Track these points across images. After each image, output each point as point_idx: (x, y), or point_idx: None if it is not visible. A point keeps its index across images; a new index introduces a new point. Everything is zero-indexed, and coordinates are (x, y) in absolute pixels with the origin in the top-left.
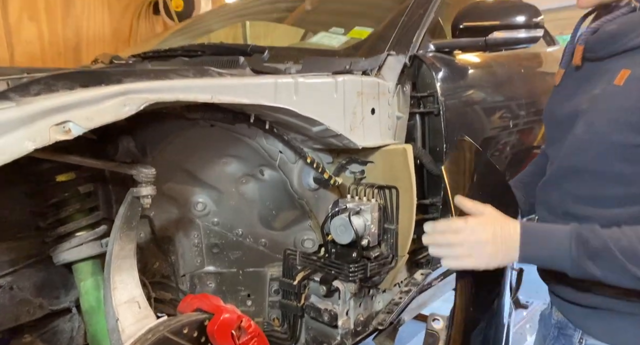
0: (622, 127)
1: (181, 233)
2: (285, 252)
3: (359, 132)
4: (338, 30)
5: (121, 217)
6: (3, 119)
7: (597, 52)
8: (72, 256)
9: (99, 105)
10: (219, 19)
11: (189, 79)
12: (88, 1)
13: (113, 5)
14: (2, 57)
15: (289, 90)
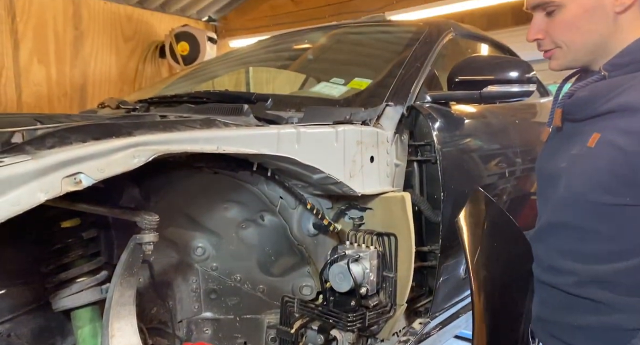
0: (595, 187)
1: (180, 278)
2: (283, 299)
3: (358, 179)
4: (338, 81)
5: (122, 264)
6: (19, 172)
7: (573, 114)
8: (72, 303)
9: (110, 157)
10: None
11: (196, 131)
12: (97, 44)
13: (120, 48)
14: (10, 98)
15: (291, 140)
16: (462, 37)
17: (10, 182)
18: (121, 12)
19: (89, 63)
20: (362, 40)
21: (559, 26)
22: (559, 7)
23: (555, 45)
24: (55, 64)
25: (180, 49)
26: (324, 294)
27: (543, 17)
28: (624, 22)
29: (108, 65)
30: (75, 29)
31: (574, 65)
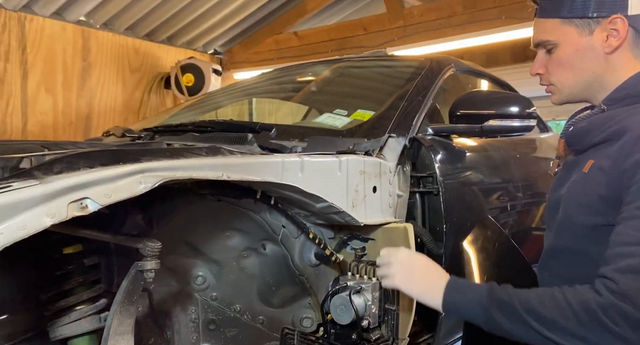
0: (584, 209)
1: (179, 307)
2: (282, 331)
3: (360, 209)
4: (341, 112)
5: (123, 291)
6: (27, 196)
7: (574, 145)
8: (70, 331)
9: (117, 183)
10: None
11: (202, 158)
12: (104, 74)
13: (127, 79)
14: (16, 126)
15: (295, 168)
16: (462, 73)
17: (17, 207)
18: (129, 44)
19: (95, 93)
20: (364, 74)
21: (555, 64)
22: (555, 46)
23: (549, 83)
24: (62, 93)
25: (186, 80)
26: (324, 326)
27: (544, 55)
28: (616, 62)
29: (114, 96)
30: (83, 60)
31: (572, 100)
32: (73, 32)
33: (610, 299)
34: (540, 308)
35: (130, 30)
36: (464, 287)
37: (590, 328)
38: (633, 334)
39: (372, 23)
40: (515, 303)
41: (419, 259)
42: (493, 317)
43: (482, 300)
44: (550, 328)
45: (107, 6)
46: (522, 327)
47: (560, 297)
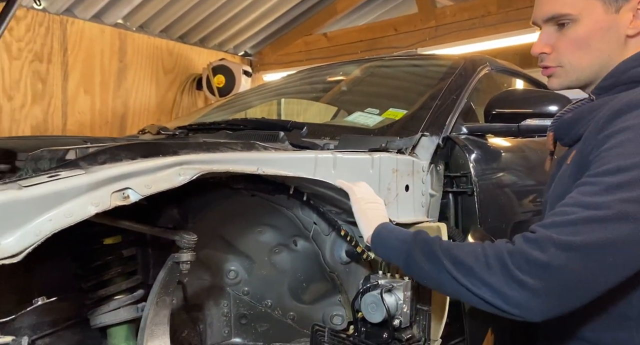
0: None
1: (211, 301)
2: (313, 327)
3: (392, 207)
4: (373, 111)
5: (159, 282)
6: (73, 185)
7: (562, 138)
8: (109, 319)
9: (157, 174)
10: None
11: (238, 152)
12: (139, 76)
13: (160, 80)
14: (57, 124)
15: (328, 165)
16: (497, 72)
17: (65, 195)
18: (163, 46)
19: (130, 93)
20: (396, 73)
21: (569, 42)
22: (574, 21)
23: (557, 64)
24: (100, 94)
25: (217, 82)
26: (355, 324)
27: (553, 31)
28: (631, 47)
29: (148, 96)
30: (119, 61)
31: (575, 85)
32: (110, 34)
33: (520, 246)
34: (458, 252)
35: (165, 33)
36: (397, 228)
37: (494, 273)
38: (532, 280)
39: (403, 23)
40: (436, 245)
41: (378, 200)
42: (413, 256)
43: (407, 238)
44: (463, 273)
45: (143, 9)
46: (438, 270)
47: (479, 247)
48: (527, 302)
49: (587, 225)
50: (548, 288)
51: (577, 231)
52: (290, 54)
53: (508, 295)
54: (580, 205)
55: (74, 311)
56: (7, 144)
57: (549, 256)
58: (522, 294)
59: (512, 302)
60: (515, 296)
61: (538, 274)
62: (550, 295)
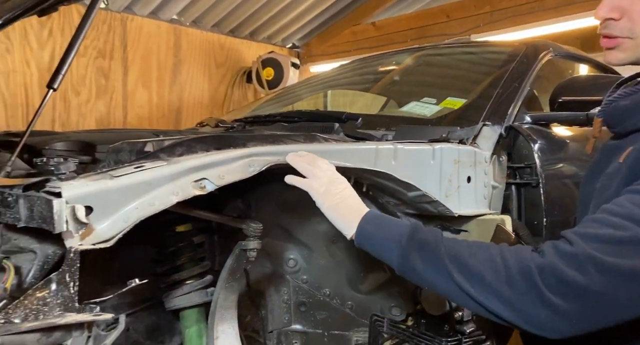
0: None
1: (272, 288)
2: (371, 317)
3: (454, 199)
4: (430, 100)
5: (227, 269)
6: (157, 175)
7: (613, 127)
8: (182, 303)
9: (230, 165)
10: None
11: (301, 144)
12: (192, 70)
13: (213, 74)
14: (118, 118)
15: (388, 156)
16: (562, 57)
17: (149, 184)
18: (215, 40)
19: (184, 88)
20: (451, 61)
21: None
22: None
23: (627, 34)
24: (156, 88)
25: (266, 74)
26: (414, 316)
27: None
28: None
29: (201, 90)
30: (174, 56)
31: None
32: (166, 30)
33: (552, 261)
34: (469, 258)
35: (216, 27)
36: (385, 220)
37: (518, 291)
38: (563, 302)
39: (455, 9)
40: (440, 248)
41: (344, 182)
42: (409, 260)
43: (402, 238)
44: (473, 282)
45: (196, 4)
46: (440, 276)
47: (496, 252)
48: (552, 323)
49: (638, 247)
50: (581, 313)
51: (624, 252)
52: (337, 44)
53: (532, 316)
54: (631, 218)
55: (150, 294)
56: (87, 137)
57: (588, 279)
58: (549, 317)
59: (535, 324)
60: (541, 318)
61: (572, 296)
62: (582, 320)
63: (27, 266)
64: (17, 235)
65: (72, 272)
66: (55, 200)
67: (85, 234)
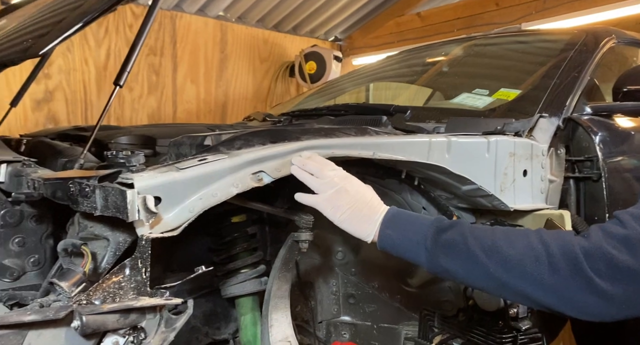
0: None
1: (321, 280)
2: (422, 312)
3: (509, 193)
4: (482, 92)
5: (280, 259)
6: (219, 168)
7: None
8: (238, 291)
9: (285, 158)
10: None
11: (353, 137)
12: (238, 66)
13: (257, 69)
14: (168, 113)
15: (442, 149)
16: (626, 45)
17: (212, 176)
18: (259, 35)
19: (230, 83)
20: (502, 51)
21: None
22: None
23: None
24: (204, 84)
25: (308, 68)
26: (466, 311)
27: None
28: None
29: (245, 85)
30: (221, 52)
31: None
32: (213, 26)
33: (600, 245)
34: (506, 248)
35: (261, 22)
36: (404, 220)
37: (563, 277)
38: (613, 287)
39: None
40: (471, 244)
41: (354, 181)
42: (438, 262)
43: (426, 241)
44: (512, 272)
45: (241, 0)
46: (476, 272)
47: (535, 238)
48: (599, 308)
49: None
50: (631, 297)
51: None
52: (380, 36)
53: (578, 302)
54: None
55: (207, 282)
56: (147, 131)
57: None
58: (597, 302)
59: (581, 309)
60: (587, 303)
61: (622, 281)
62: (632, 305)
63: (101, 252)
64: (93, 223)
65: (144, 258)
66: (128, 190)
67: (154, 223)
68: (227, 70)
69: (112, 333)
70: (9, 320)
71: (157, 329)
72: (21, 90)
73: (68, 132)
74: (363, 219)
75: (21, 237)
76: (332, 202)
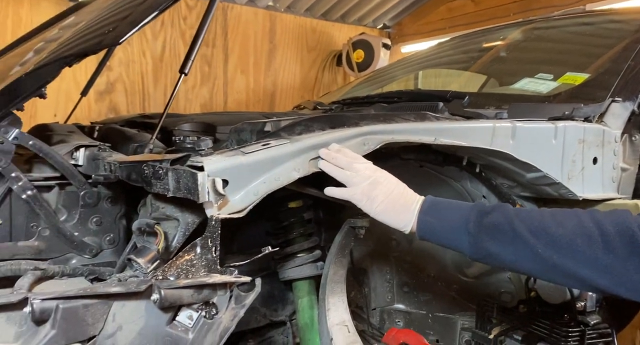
0: None
1: (375, 267)
2: (479, 303)
3: (577, 182)
4: (546, 76)
5: (337, 244)
6: (282, 152)
7: None
8: (295, 274)
9: (345, 143)
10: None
11: (414, 123)
12: (286, 55)
13: (304, 58)
14: (219, 103)
15: (506, 135)
16: None
17: (275, 161)
18: (307, 24)
19: (278, 73)
20: (567, 34)
21: None
22: None
23: None
24: (253, 74)
25: (356, 57)
26: (528, 303)
27: None
28: None
29: (293, 74)
30: (270, 42)
31: None
32: (262, 16)
33: None
34: (556, 228)
35: (309, 11)
36: (444, 207)
37: (617, 254)
38: None
39: None
40: (516, 226)
41: (385, 173)
42: (482, 246)
43: (468, 225)
44: (563, 253)
45: None
46: (522, 254)
47: (587, 217)
48: None
49: None
50: None
51: None
52: (431, 22)
53: (636, 283)
54: None
55: (265, 264)
56: (207, 119)
57: None
58: None
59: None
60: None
61: None
62: None
63: (171, 232)
64: (164, 205)
65: (214, 238)
66: (199, 173)
67: (222, 204)
68: (276, 60)
69: (186, 307)
70: (98, 291)
71: (227, 305)
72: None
73: (134, 120)
74: (400, 209)
75: (98, 217)
76: (367, 194)
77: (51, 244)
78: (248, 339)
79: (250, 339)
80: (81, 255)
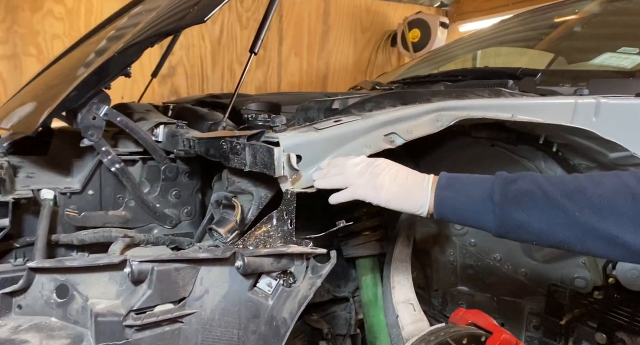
0: None
1: (438, 249)
2: (550, 287)
3: None
4: (630, 50)
5: (401, 224)
6: (354, 128)
7: None
8: (358, 252)
9: (418, 120)
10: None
11: (488, 99)
12: (339, 37)
13: (358, 39)
14: (273, 85)
15: (588, 112)
16: None
17: (346, 137)
18: (362, 4)
19: (331, 54)
20: None
21: None
22: None
23: None
24: (307, 56)
25: (412, 36)
26: (605, 290)
27: None
28: None
29: (346, 56)
30: (323, 24)
31: None
32: None
33: None
34: (593, 189)
35: None
36: (463, 180)
37: None
38: None
39: None
40: (548, 190)
41: (381, 161)
42: (510, 217)
43: (493, 195)
44: (603, 214)
45: None
46: (557, 220)
47: (628, 176)
48: None
49: None
50: None
51: None
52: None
53: None
54: None
55: (329, 241)
56: (272, 98)
57: None
58: None
59: None
60: None
61: None
62: None
63: (246, 205)
64: (240, 179)
65: (290, 211)
66: (275, 148)
67: (295, 179)
68: (329, 42)
69: (266, 275)
70: (188, 256)
71: (304, 275)
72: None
73: (204, 99)
74: (412, 189)
75: (177, 190)
76: (371, 184)
77: (136, 215)
78: (312, 313)
79: (314, 313)
80: (162, 225)
